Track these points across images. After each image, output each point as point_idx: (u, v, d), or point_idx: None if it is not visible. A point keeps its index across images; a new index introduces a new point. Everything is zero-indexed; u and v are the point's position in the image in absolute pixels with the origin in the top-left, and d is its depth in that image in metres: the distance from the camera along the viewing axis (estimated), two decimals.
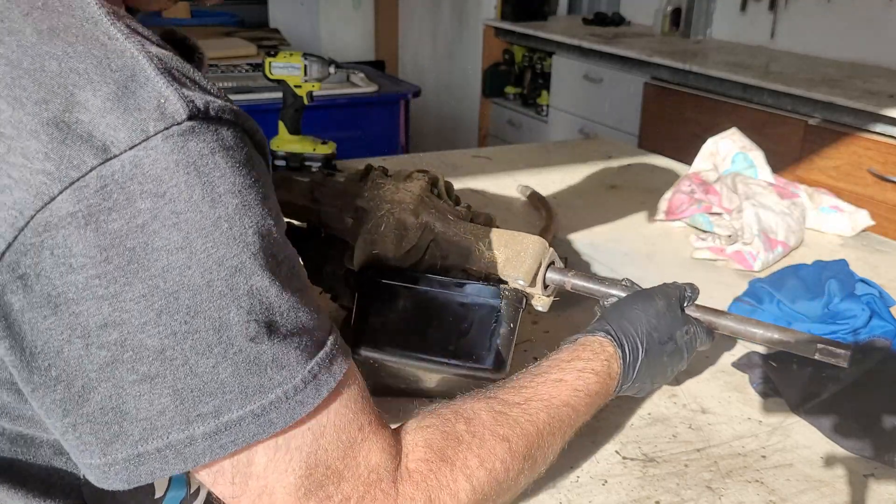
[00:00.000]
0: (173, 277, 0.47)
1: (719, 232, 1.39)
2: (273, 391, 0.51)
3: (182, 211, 0.47)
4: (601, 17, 3.92)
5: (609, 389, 0.75)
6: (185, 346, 0.48)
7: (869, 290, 1.11)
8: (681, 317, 0.81)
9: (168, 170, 0.46)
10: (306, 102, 1.70)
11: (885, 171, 2.35)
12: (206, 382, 0.49)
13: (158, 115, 0.47)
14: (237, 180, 0.49)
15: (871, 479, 0.83)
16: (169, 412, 0.49)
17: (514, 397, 0.67)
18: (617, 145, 2.12)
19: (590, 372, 0.73)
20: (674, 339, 0.80)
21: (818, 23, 3.12)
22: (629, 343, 0.77)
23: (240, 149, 0.50)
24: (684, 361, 0.83)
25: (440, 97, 4.91)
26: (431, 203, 0.90)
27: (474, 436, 0.61)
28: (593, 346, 0.75)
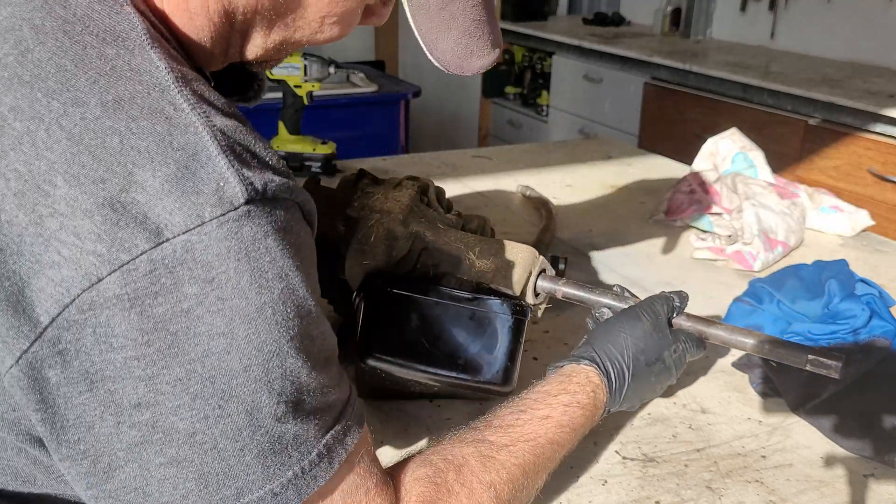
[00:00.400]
0: (212, 362, 0.47)
1: (719, 232, 1.39)
2: (291, 468, 0.51)
3: (228, 297, 0.46)
4: (601, 17, 3.92)
5: (595, 418, 0.75)
6: (215, 430, 0.48)
7: (869, 290, 1.11)
8: (669, 336, 0.81)
9: (220, 256, 0.46)
10: (306, 102, 1.70)
11: (885, 171, 2.35)
12: (231, 465, 0.49)
13: (216, 199, 0.46)
14: (286, 263, 0.49)
15: (871, 479, 0.83)
16: (192, 496, 0.49)
17: (502, 438, 0.67)
18: (617, 145, 2.12)
19: (576, 406, 0.73)
20: (661, 359, 0.80)
21: (818, 23, 3.12)
22: (615, 369, 0.77)
23: (292, 227, 0.50)
24: (673, 377, 0.83)
25: (440, 97, 4.91)
26: (421, 212, 0.90)
27: (463, 485, 0.62)
28: (579, 378, 0.75)
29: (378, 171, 1.77)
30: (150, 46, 0.49)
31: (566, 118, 3.74)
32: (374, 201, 0.90)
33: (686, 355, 0.83)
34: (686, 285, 1.26)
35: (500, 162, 1.88)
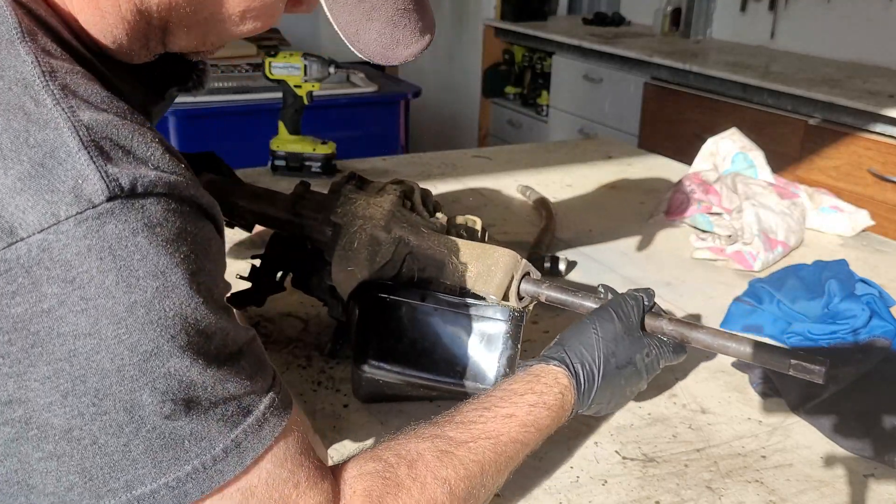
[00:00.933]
0: (80, 362, 0.46)
1: (719, 232, 1.39)
2: (189, 463, 0.50)
3: (92, 297, 0.46)
4: (601, 17, 3.92)
5: (561, 419, 0.74)
6: (93, 427, 0.47)
7: (869, 290, 1.11)
8: (641, 338, 0.79)
9: (80, 255, 0.45)
10: (306, 102, 1.70)
11: (885, 171, 2.35)
12: (116, 460, 0.48)
13: (73, 197, 0.45)
14: (160, 261, 0.48)
15: (871, 479, 0.83)
16: (77, 488, 0.48)
17: (462, 435, 0.66)
18: (617, 145, 2.12)
19: (542, 406, 0.71)
20: (633, 362, 0.78)
21: (818, 23, 3.12)
22: (584, 371, 0.75)
23: (170, 224, 0.49)
24: (644, 382, 0.81)
25: (440, 97, 4.91)
26: (403, 217, 0.90)
27: (415, 480, 0.60)
28: (547, 379, 0.74)
29: (378, 171, 1.78)
30: (19, 41, 0.48)
31: (566, 118, 3.74)
32: (357, 207, 0.90)
33: (660, 360, 0.81)
34: (686, 285, 1.26)
35: (500, 162, 1.88)
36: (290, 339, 1.05)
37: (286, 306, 1.11)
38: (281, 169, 1.72)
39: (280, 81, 1.68)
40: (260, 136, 1.88)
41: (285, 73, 1.67)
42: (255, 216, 0.97)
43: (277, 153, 1.72)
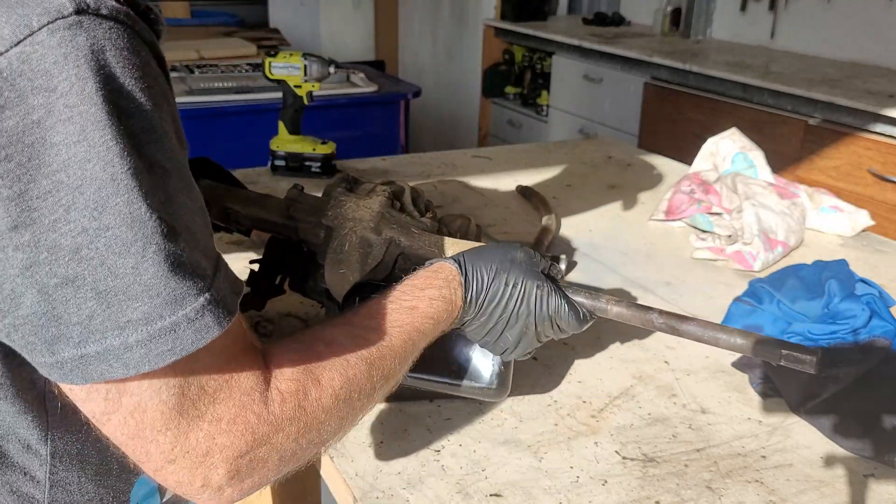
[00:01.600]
0: (75, 172, 0.47)
1: (719, 232, 1.39)
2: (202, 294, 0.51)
3: (75, 104, 0.46)
4: (601, 17, 3.92)
5: (454, 317, 0.76)
6: (98, 244, 0.47)
7: (869, 290, 1.11)
8: (537, 273, 0.79)
9: (57, 63, 0.46)
10: (306, 102, 1.70)
11: (885, 171, 2.35)
12: (129, 284, 0.48)
13: (42, 9, 0.46)
14: (128, 82, 0.48)
15: (871, 479, 0.83)
16: (98, 316, 0.48)
17: (371, 323, 0.69)
18: (617, 145, 2.12)
19: (440, 300, 0.74)
20: (522, 286, 0.78)
21: (818, 23, 3.12)
22: (476, 275, 0.77)
23: (133, 51, 0.49)
24: (530, 318, 0.78)
25: (440, 97, 4.91)
26: (393, 217, 0.90)
27: (338, 356, 0.63)
28: (444, 274, 0.76)
29: (378, 171, 1.78)
30: None
31: (566, 118, 3.74)
32: (347, 209, 0.90)
33: (549, 305, 0.78)
34: (686, 285, 1.26)
35: (500, 162, 1.88)
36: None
37: (286, 306, 1.11)
38: (281, 169, 1.72)
39: (280, 81, 1.68)
40: (260, 136, 1.88)
41: (285, 73, 1.67)
42: (250, 220, 0.97)
43: (277, 153, 1.72)
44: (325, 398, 0.61)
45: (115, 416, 0.52)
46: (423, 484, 0.80)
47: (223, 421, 0.54)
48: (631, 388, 0.98)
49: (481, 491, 0.79)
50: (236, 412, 0.55)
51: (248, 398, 0.56)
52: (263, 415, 0.56)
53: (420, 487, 0.79)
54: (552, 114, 3.86)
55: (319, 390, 0.60)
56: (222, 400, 0.54)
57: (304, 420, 0.59)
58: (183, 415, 0.53)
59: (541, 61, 4.07)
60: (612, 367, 1.02)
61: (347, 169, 1.78)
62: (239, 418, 0.55)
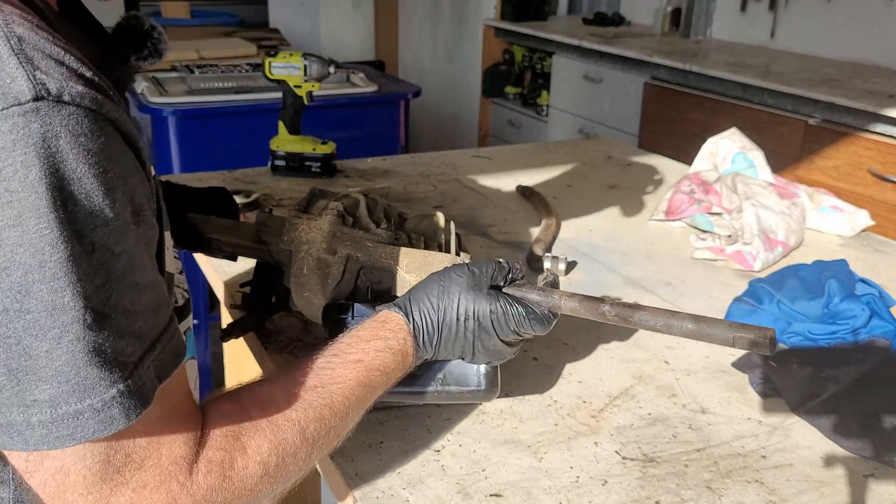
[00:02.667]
0: (5, 253, 0.47)
1: (719, 232, 1.39)
2: (115, 385, 0.51)
3: (16, 190, 0.47)
4: (601, 17, 3.92)
5: (407, 364, 0.76)
6: (17, 325, 0.48)
7: (869, 290, 1.11)
8: (486, 294, 0.78)
9: (5, 148, 0.47)
10: (306, 102, 1.70)
11: (885, 171, 2.35)
12: (41, 366, 0.49)
13: (1, 94, 0.47)
14: (81, 168, 0.49)
15: (871, 479, 0.83)
16: (6, 391, 0.49)
17: (312, 380, 0.68)
18: (617, 145, 2.12)
19: (387, 351, 0.74)
20: (474, 315, 0.77)
21: (818, 23, 3.12)
22: (423, 318, 0.76)
23: (93, 137, 0.50)
24: (494, 338, 0.78)
25: (440, 97, 4.91)
26: (344, 234, 0.90)
27: (270, 422, 0.63)
28: (391, 325, 0.76)
29: (378, 171, 1.78)
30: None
31: (566, 118, 3.74)
32: (300, 232, 0.91)
33: (510, 321, 0.77)
34: (686, 285, 1.26)
35: (500, 162, 1.88)
36: (290, 338, 1.05)
37: None
38: (281, 169, 1.72)
39: (280, 81, 1.68)
40: (260, 136, 1.88)
41: (285, 73, 1.67)
42: (230, 247, 0.98)
43: (277, 153, 1.72)
44: (252, 466, 0.61)
45: (36, 475, 0.52)
46: (423, 484, 0.80)
47: (147, 488, 0.54)
48: (631, 388, 0.98)
49: (481, 491, 0.79)
50: (161, 480, 0.55)
51: (175, 467, 0.56)
52: (187, 485, 0.56)
53: (420, 487, 0.79)
54: (552, 114, 3.86)
55: (246, 459, 0.60)
56: (149, 467, 0.55)
57: (230, 489, 0.59)
58: (106, 481, 0.53)
59: (541, 61, 4.07)
60: (612, 367, 1.02)
61: (347, 169, 1.78)
62: (163, 487, 0.55)
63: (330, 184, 1.67)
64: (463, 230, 1.44)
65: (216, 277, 1.24)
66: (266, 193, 1.59)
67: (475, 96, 4.53)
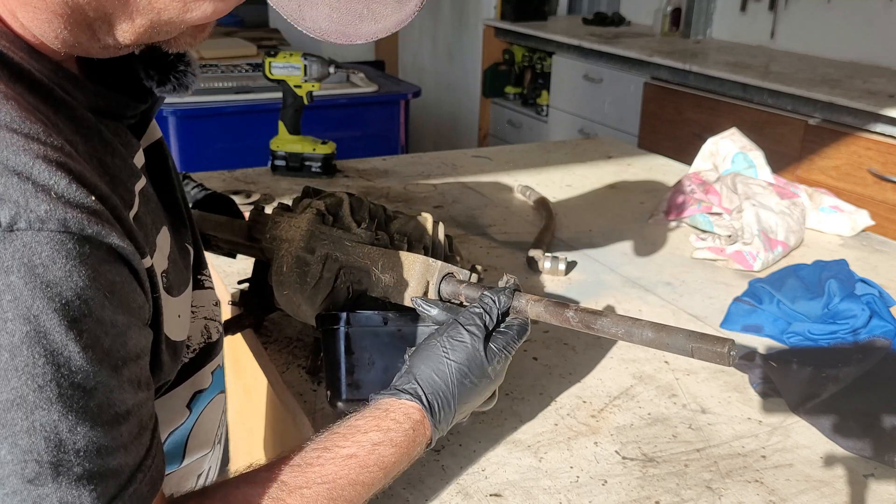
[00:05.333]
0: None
1: (719, 232, 1.39)
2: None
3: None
4: (601, 17, 3.92)
5: (413, 454, 0.70)
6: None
7: (869, 290, 1.11)
8: (492, 350, 0.75)
9: None
10: (306, 102, 1.70)
11: (885, 171, 2.35)
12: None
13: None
14: (34, 304, 0.44)
15: (871, 479, 0.83)
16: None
17: (297, 480, 0.61)
18: (617, 145, 2.12)
19: (387, 444, 0.67)
20: (487, 375, 0.74)
21: (818, 23, 3.12)
22: (439, 401, 0.71)
23: (55, 264, 0.45)
24: (496, 384, 0.77)
25: (440, 97, 4.91)
26: (322, 234, 0.89)
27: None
28: (396, 415, 0.69)
29: (378, 171, 1.78)
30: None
31: (566, 118, 3.74)
32: (280, 230, 0.90)
33: (507, 360, 0.76)
34: (686, 285, 1.26)
35: (500, 162, 1.88)
36: (289, 339, 1.05)
37: None
38: (281, 169, 1.72)
39: (280, 81, 1.68)
40: (260, 136, 1.88)
41: (285, 73, 1.67)
42: (227, 244, 0.98)
43: (277, 153, 1.72)
44: None
45: None
46: (423, 484, 0.80)
47: None
48: (631, 388, 0.98)
49: (481, 491, 0.79)
50: None
51: None
52: None
53: (420, 487, 0.79)
54: (552, 114, 3.86)
55: None
56: None
57: None
58: None
59: (541, 61, 4.07)
60: (612, 367, 1.02)
61: (347, 169, 1.78)
62: None
63: (330, 184, 1.68)
64: (463, 230, 1.44)
65: (215, 275, 1.24)
66: (266, 193, 1.59)
67: (475, 96, 4.52)
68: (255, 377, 1.15)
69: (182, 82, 0.66)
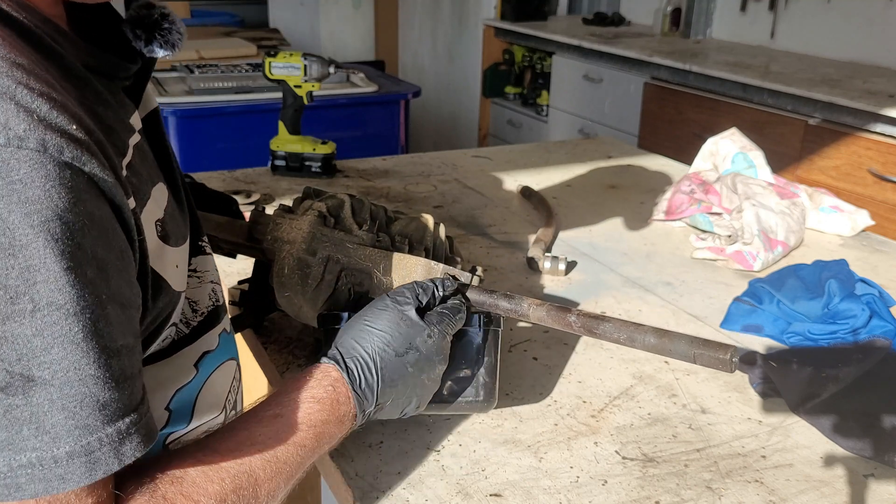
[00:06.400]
0: None
1: (719, 232, 1.39)
2: (25, 454, 0.46)
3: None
4: (601, 17, 3.92)
5: (341, 414, 0.69)
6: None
7: (869, 290, 1.11)
8: (419, 321, 0.74)
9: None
10: (306, 102, 1.70)
11: (885, 171, 2.35)
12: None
13: None
14: (11, 218, 0.44)
15: (871, 479, 0.83)
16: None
17: (228, 443, 0.61)
18: (617, 145, 2.12)
19: (310, 401, 0.67)
20: (415, 347, 0.73)
21: (818, 23, 3.12)
22: (357, 364, 0.71)
23: (33, 184, 0.44)
24: (437, 365, 0.76)
25: (440, 97, 4.91)
26: (324, 236, 0.89)
27: (188, 498, 0.56)
28: (316, 374, 0.69)
29: (378, 171, 1.78)
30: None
31: (566, 118, 3.74)
32: (282, 232, 0.90)
33: (447, 331, 0.75)
34: (686, 285, 1.26)
35: (500, 162, 1.88)
36: (290, 339, 1.05)
37: None
38: (281, 169, 1.72)
39: (280, 81, 1.68)
40: (260, 136, 1.88)
41: (285, 73, 1.67)
42: (227, 245, 0.98)
43: (277, 153, 1.72)
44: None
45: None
46: (423, 484, 0.80)
47: None
48: (631, 388, 0.98)
49: (481, 491, 0.79)
50: None
51: None
52: None
53: (420, 487, 0.79)
54: (552, 114, 3.86)
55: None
56: None
57: None
58: None
59: (541, 61, 4.07)
60: (612, 367, 1.02)
61: (347, 169, 1.78)
62: None
63: (330, 184, 1.68)
64: (463, 230, 1.44)
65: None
66: (266, 193, 1.59)
67: (475, 96, 4.53)
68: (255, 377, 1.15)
69: (168, 40, 0.67)
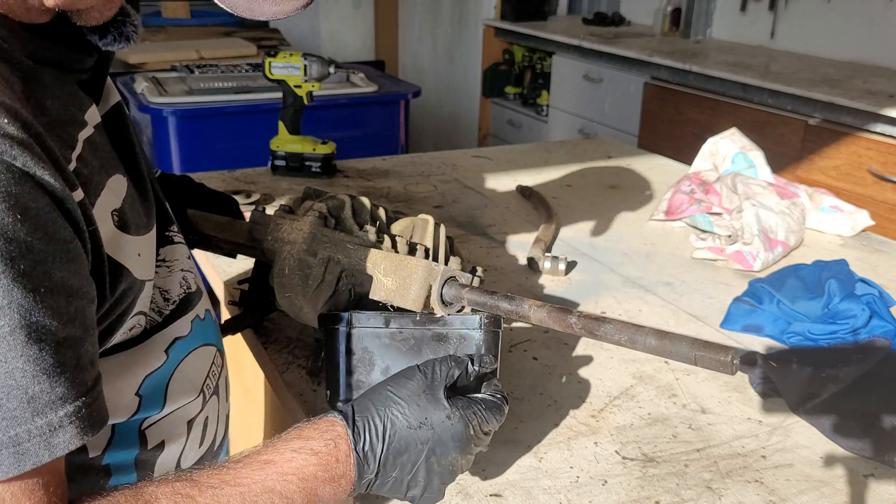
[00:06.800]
0: None
1: (719, 232, 1.39)
2: None
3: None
4: (601, 17, 3.92)
5: (337, 474, 0.64)
6: None
7: (869, 290, 1.11)
8: (442, 399, 0.69)
9: None
10: (306, 102, 1.70)
11: (885, 171, 2.35)
12: None
13: None
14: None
15: (871, 479, 0.83)
16: None
17: (210, 480, 0.59)
18: (617, 145, 2.12)
19: (307, 452, 0.63)
20: (429, 423, 0.68)
21: (818, 23, 3.12)
22: (366, 424, 0.67)
23: None
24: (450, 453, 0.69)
25: (440, 97, 4.91)
26: (325, 237, 0.89)
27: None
28: (319, 425, 0.66)
29: (378, 171, 1.78)
30: None
31: (566, 118, 3.74)
32: (283, 233, 0.91)
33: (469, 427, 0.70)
34: (686, 285, 1.26)
35: (500, 162, 1.88)
36: (290, 339, 1.05)
37: None
38: (281, 169, 1.72)
39: (280, 81, 1.68)
40: (260, 136, 1.88)
41: (285, 73, 1.67)
42: (227, 244, 0.98)
43: (277, 153, 1.72)
44: None
45: None
46: None
47: None
48: (631, 388, 0.98)
49: (481, 491, 0.79)
50: None
51: None
52: None
53: None
54: (552, 114, 3.86)
55: None
56: None
57: None
58: None
59: (541, 61, 4.07)
60: (612, 367, 1.02)
61: (347, 169, 1.78)
62: None
63: (330, 184, 1.68)
64: (463, 230, 1.44)
65: (215, 276, 1.24)
66: (266, 193, 1.59)
67: (475, 96, 4.52)
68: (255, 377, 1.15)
69: (122, 32, 0.66)
